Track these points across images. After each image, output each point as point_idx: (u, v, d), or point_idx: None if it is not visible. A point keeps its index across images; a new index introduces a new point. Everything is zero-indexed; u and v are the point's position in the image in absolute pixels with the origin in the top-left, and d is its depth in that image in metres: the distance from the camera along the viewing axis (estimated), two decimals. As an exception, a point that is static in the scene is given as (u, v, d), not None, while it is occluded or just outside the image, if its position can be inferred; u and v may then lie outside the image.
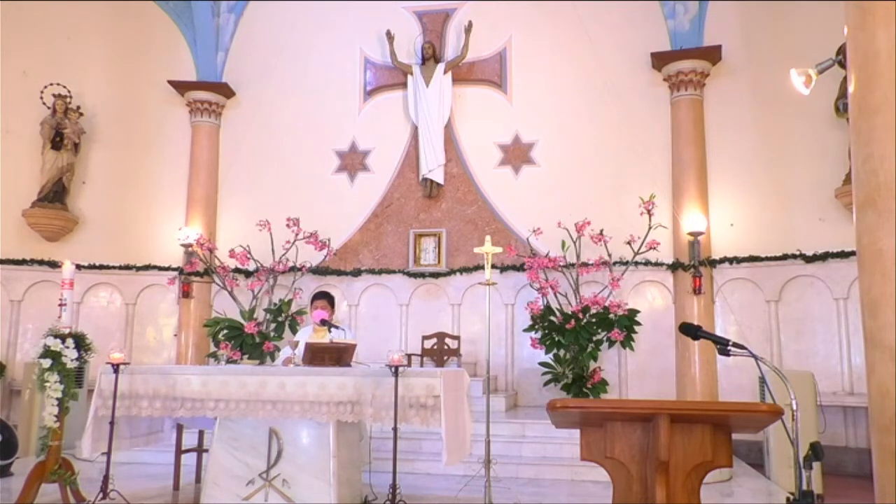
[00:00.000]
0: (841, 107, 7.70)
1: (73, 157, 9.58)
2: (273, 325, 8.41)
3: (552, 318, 7.96)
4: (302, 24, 10.15)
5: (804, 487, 2.49)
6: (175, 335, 9.61)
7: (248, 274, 9.04)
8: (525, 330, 8.28)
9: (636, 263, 8.26)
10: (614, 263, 8.20)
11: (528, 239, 8.65)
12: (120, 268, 9.69)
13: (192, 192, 9.81)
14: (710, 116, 8.89)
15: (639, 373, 8.70)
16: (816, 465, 2.88)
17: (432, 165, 9.42)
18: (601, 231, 8.13)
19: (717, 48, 8.72)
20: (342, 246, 9.65)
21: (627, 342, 7.84)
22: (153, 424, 7.49)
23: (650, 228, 8.02)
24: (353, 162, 9.92)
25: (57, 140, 9.42)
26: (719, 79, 8.92)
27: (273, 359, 7.76)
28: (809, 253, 8.17)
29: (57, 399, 4.80)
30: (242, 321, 8.29)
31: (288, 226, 8.60)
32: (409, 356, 7.97)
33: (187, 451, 5.90)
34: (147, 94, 10.11)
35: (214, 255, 9.10)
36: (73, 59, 9.87)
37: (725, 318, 8.60)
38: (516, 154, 9.52)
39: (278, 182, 9.85)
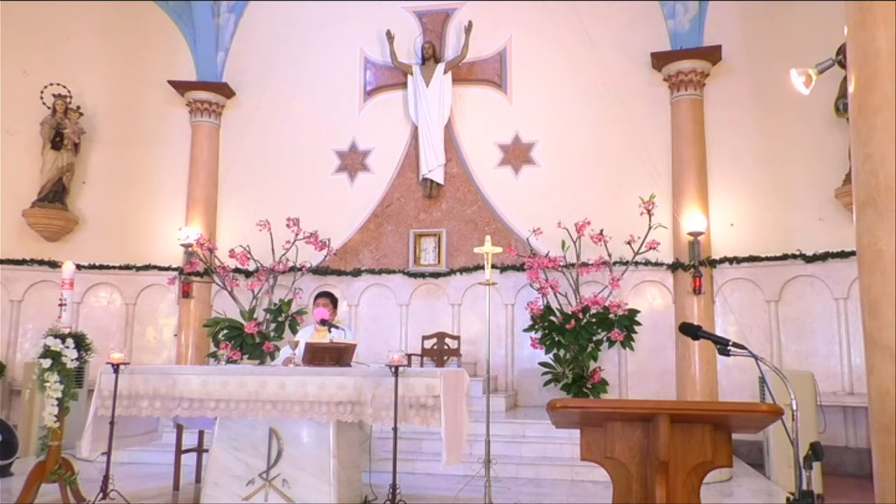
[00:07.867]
0: (841, 107, 7.69)
1: (73, 157, 9.58)
2: (273, 325, 8.40)
3: (552, 318, 7.95)
4: (302, 24, 10.15)
5: (804, 487, 2.49)
6: (175, 335, 9.60)
7: (248, 274, 9.04)
8: (525, 330, 8.27)
9: (636, 263, 8.26)
10: (614, 263, 8.20)
11: (528, 239, 8.65)
12: (120, 268, 9.69)
13: (192, 192, 9.81)
14: (709, 116, 8.88)
15: (639, 373, 8.69)
16: (816, 465, 2.88)
17: (432, 165, 9.42)
18: (601, 231, 8.13)
19: (717, 48, 8.72)
20: (342, 246, 9.65)
21: (627, 342, 7.83)
22: (149, 424, 7.48)
23: (650, 228, 8.02)
24: (353, 162, 9.92)
25: (57, 140, 9.41)
26: (719, 79, 8.92)
27: (273, 359, 7.76)
28: (809, 253, 8.16)
29: (57, 399, 4.79)
30: (242, 321, 8.28)
31: (288, 226, 8.60)
32: (409, 356, 7.96)
33: (187, 451, 5.89)
34: (147, 94, 10.10)
35: (214, 255, 9.10)
36: (73, 59, 9.87)
37: (725, 318, 8.60)
38: (516, 154, 9.52)
39: (278, 182, 9.85)
